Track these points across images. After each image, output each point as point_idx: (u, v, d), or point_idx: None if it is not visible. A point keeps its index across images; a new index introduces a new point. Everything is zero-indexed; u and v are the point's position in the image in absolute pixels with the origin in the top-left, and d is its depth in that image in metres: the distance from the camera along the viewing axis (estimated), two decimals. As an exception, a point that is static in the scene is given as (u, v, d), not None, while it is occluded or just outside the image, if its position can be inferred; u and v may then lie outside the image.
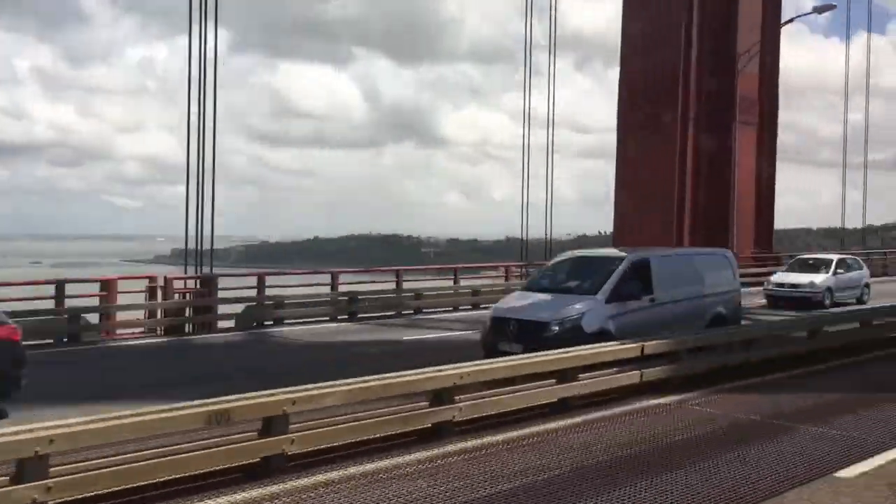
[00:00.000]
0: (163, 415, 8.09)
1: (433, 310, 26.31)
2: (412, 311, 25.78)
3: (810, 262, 29.51)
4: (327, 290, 25.14)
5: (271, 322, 22.40)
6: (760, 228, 40.05)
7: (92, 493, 7.46)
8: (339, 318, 23.92)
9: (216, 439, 8.70)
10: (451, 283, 29.92)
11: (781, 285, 28.13)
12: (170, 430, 8.18)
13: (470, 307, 27.35)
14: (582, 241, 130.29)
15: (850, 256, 31.11)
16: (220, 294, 22.50)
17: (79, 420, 7.60)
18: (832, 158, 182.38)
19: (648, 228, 36.38)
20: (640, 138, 37.09)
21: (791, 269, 29.40)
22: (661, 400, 12.53)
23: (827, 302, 26.96)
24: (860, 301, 28.40)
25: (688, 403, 12.44)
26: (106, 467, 7.76)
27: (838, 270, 28.26)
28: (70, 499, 7.33)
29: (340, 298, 24.35)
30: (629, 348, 13.29)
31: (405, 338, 20.68)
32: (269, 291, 24.34)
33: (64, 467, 7.56)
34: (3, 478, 7.13)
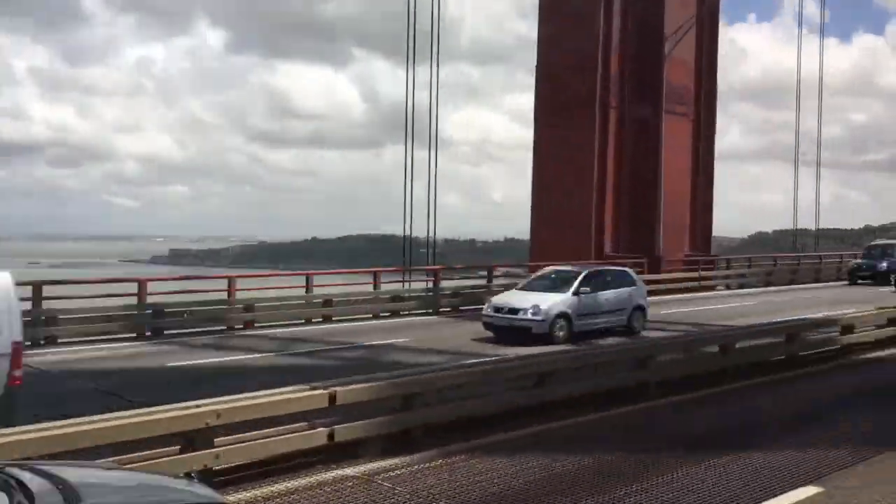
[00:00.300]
0: None
1: (273, 323, 23.19)
2: (242, 326, 22.68)
3: (552, 276, 21.93)
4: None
5: (42, 341, 19.32)
6: (697, 231, 36.50)
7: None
8: (143, 335, 20.83)
9: None
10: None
11: (499, 309, 20.43)
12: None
13: (321, 319, 24.25)
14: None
15: (617, 268, 23.48)
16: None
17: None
18: (830, 159, 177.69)
19: (568, 232, 33.13)
20: (557, 133, 33.71)
21: (527, 287, 21.79)
22: (352, 470, 9.71)
23: (560, 334, 19.56)
24: (630, 330, 21.09)
25: (385, 475, 9.59)
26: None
27: (583, 289, 20.42)
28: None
29: (143, 312, 21.28)
30: (306, 397, 10.18)
31: (170, 364, 17.47)
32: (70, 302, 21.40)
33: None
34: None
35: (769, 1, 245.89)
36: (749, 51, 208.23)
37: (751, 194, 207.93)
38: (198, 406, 9.07)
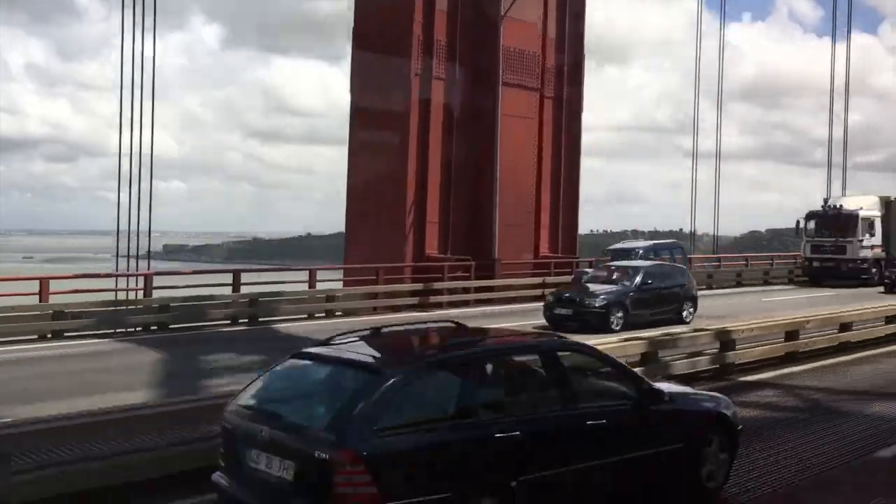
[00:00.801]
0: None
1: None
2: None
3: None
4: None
5: None
6: (558, 230, 30.76)
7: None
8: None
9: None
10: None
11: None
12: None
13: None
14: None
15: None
16: None
17: None
18: (823, 159, 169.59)
19: (384, 231, 27.75)
20: (368, 116, 28.24)
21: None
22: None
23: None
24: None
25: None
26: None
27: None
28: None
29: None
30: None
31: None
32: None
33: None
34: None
35: (763, 1, 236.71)
36: (744, 51, 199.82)
37: (748, 194, 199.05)
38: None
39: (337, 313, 23.09)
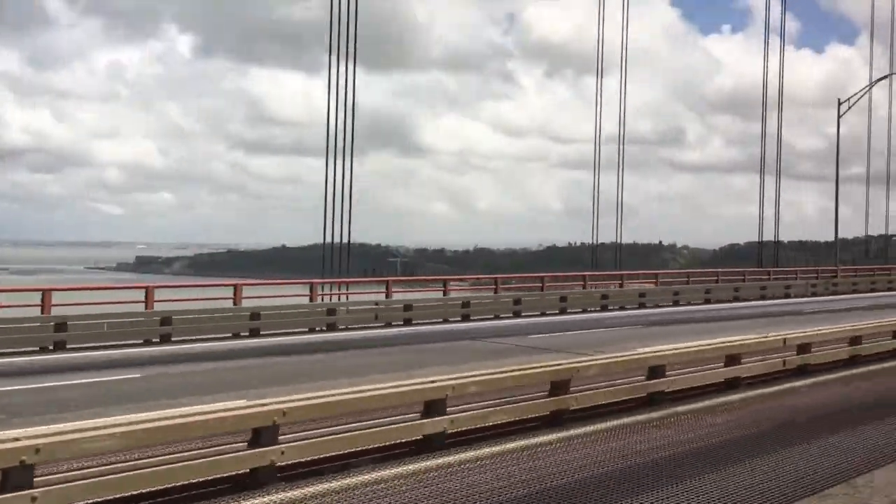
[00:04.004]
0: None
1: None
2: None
3: None
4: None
5: None
6: None
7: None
8: None
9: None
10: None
11: None
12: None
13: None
14: (552, 251, 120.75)
15: None
16: None
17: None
18: (811, 171, 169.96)
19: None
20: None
21: None
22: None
23: None
24: None
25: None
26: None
27: None
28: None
29: None
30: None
31: None
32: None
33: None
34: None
35: (741, 12, 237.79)
36: (724, 62, 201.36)
37: (730, 206, 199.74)
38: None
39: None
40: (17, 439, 6.84)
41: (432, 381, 10.07)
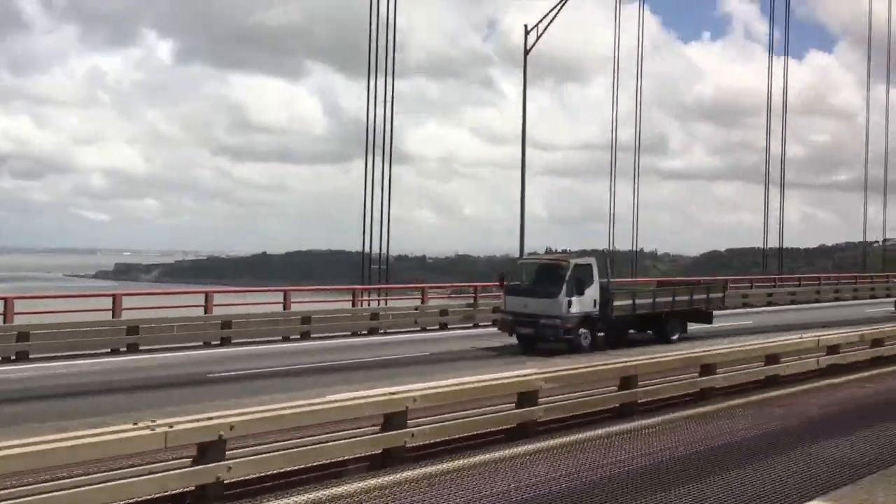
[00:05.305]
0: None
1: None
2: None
3: None
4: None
5: None
6: None
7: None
8: None
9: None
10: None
11: None
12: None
13: None
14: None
15: None
16: None
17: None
18: (796, 179, 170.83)
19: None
20: None
21: None
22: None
23: None
24: None
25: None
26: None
27: None
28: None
29: None
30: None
31: None
32: None
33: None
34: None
35: (720, 19, 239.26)
36: (705, 70, 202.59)
37: (710, 214, 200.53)
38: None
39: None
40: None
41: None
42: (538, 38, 36.69)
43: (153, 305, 25.28)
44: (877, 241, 67.74)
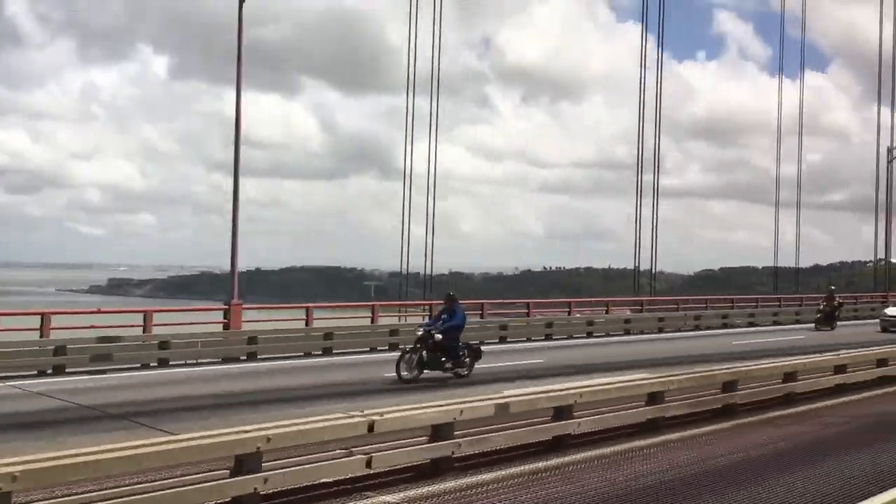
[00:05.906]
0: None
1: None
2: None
3: None
4: None
5: None
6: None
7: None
8: None
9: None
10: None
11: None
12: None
13: None
14: (525, 275, 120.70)
15: None
16: None
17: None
18: (787, 198, 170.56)
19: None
20: None
21: None
22: None
23: None
24: None
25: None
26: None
27: None
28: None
29: None
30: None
31: None
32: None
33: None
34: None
35: (716, 39, 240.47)
36: (699, 89, 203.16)
37: (705, 232, 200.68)
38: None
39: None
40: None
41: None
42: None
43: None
44: (870, 261, 68.59)
